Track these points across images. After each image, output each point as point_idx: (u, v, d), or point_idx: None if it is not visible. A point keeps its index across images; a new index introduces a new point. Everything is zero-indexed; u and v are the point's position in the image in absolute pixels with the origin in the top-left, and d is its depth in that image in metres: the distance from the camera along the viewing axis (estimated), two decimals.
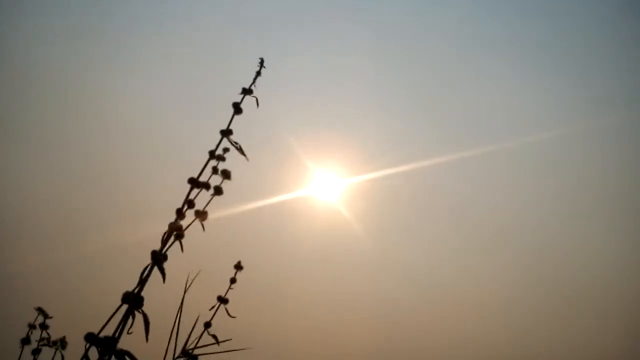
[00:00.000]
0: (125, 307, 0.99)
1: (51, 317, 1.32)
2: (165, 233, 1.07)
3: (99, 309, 1.03)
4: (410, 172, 4.23)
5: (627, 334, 4.01)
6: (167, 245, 1.06)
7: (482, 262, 4.34)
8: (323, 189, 4.16)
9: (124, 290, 1.02)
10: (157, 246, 1.12)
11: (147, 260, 1.13)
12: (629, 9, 4.52)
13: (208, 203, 1.14)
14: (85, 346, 0.96)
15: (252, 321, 3.57)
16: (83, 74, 4.11)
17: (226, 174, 1.14)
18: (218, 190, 1.12)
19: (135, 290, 1.00)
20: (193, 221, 1.10)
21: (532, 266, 4.32)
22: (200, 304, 1.36)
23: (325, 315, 3.99)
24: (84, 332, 0.97)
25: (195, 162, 1.22)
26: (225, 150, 1.17)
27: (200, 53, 4.16)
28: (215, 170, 1.17)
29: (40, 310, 1.31)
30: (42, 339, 1.31)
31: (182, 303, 1.14)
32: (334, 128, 4.44)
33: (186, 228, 1.09)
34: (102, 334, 0.97)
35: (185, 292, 1.15)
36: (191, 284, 1.14)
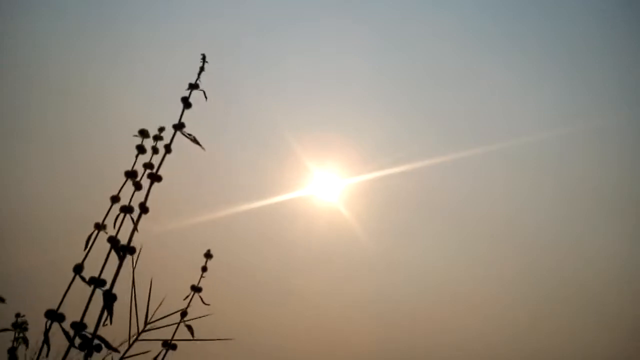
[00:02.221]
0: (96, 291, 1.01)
1: (4, 301, 1.31)
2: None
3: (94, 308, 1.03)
4: (410, 172, 4.23)
5: (628, 332, 4.01)
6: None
7: (482, 262, 4.34)
8: (323, 189, 4.16)
9: (119, 286, 1.03)
10: (152, 243, 1.13)
11: (146, 259, 1.14)
12: (629, 9, 4.52)
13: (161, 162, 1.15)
14: (46, 324, 0.97)
15: (253, 321, 3.57)
16: (83, 74, 4.11)
17: (156, 178, 1.17)
18: (137, 186, 1.15)
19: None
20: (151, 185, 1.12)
21: (533, 265, 4.33)
22: (201, 304, 1.36)
23: (325, 315, 3.99)
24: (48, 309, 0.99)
25: (195, 160, 1.22)
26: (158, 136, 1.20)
27: (202, 52, 4.15)
28: (155, 149, 1.21)
29: None
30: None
31: (133, 273, 1.14)
32: (334, 128, 4.44)
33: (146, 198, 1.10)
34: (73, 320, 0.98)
35: (134, 264, 1.15)
36: (139, 254, 1.15)
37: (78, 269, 1.03)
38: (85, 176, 3.85)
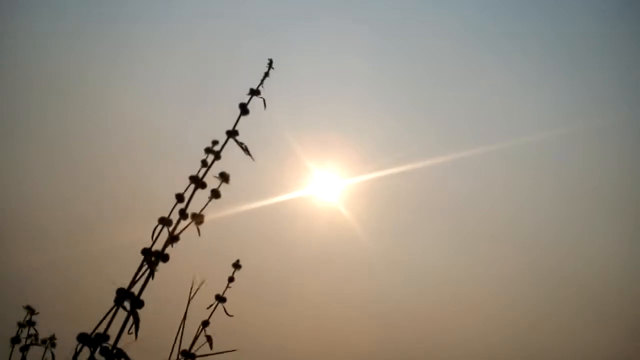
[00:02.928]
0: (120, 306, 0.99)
1: (37, 314, 1.32)
2: (154, 228, 1.06)
3: (99, 310, 1.03)
4: (410, 172, 4.23)
5: (628, 332, 4.01)
6: (163, 245, 1.05)
7: (482, 262, 4.34)
8: (323, 189, 4.16)
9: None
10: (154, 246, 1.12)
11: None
12: (629, 9, 4.52)
13: (205, 206, 1.13)
14: (77, 347, 0.95)
15: (253, 321, 3.57)
16: (83, 74, 4.11)
17: (225, 177, 1.13)
18: (215, 194, 1.11)
19: (130, 289, 1.00)
20: (188, 224, 1.09)
21: (533, 265, 4.33)
22: (199, 304, 1.36)
23: (325, 315, 3.99)
24: (80, 332, 0.97)
25: (195, 160, 1.22)
26: (216, 155, 1.16)
27: (202, 52, 4.16)
28: (208, 170, 1.15)
29: (28, 309, 1.31)
30: (29, 336, 1.30)
31: (186, 311, 1.14)
32: (334, 128, 4.44)
33: (181, 231, 1.07)
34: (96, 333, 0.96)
35: (189, 300, 1.15)
36: (195, 292, 1.14)
37: (120, 300, 0.98)
38: (85, 176, 3.85)
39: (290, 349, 3.67)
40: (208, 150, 1.14)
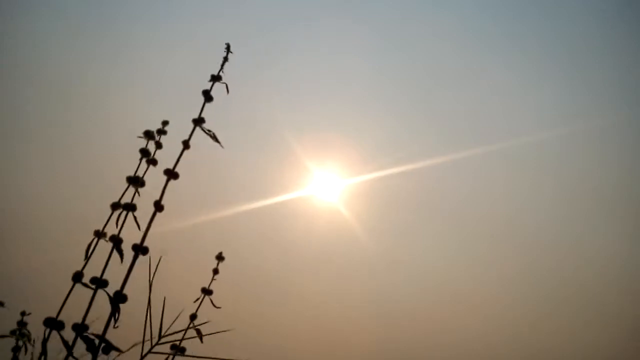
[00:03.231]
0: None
1: (3, 305, 1.32)
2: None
3: (100, 310, 1.03)
4: (410, 172, 4.23)
5: (628, 332, 4.01)
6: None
7: (482, 262, 4.34)
8: (323, 189, 4.16)
9: (133, 289, 1.03)
10: (156, 242, 1.13)
11: (145, 259, 1.13)
12: (629, 9, 4.52)
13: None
14: (45, 332, 0.96)
15: (253, 321, 3.57)
16: (83, 74, 4.11)
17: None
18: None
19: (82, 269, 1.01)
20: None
21: (533, 265, 4.33)
22: (198, 304, 1.36)
23: (325, 315, 3.99)
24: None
25: (198, 160, 1.22)
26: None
27: (202, 52, 4.16)
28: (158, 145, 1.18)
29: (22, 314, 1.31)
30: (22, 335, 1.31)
31: (150, 285, 1.14)
32: (334, 128, 4.44)
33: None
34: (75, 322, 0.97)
35: (153, 275, 1.15)
36: (157, 265, 1.15)
37: (77, 277, 1.01)
38: (85, 176, 3.85)
39: (290, 348, 3.67)
40: (147, 135, 1.16)
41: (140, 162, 1.12)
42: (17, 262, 2.99)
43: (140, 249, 1.06)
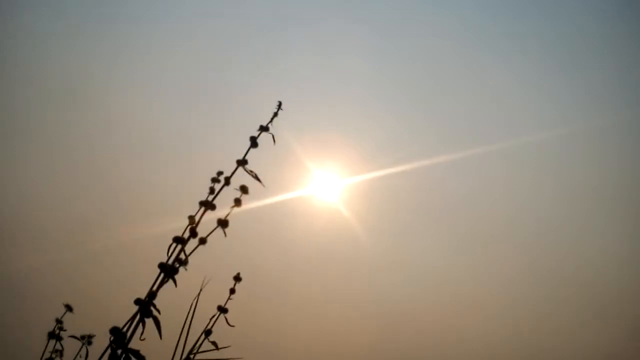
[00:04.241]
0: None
1: (72, 312, 1.34)
2: (171, 244, 1.12)
3: (100, 309, 1.04)
4: (410, 172, 4.23)
5: (628, 332, 4.01)
6: (184, 252, 1.10)
7: (482, 262, 4.34)
8: (323, 189, 4.16)
9: (133, 289, 1.04)
10: (161, 244, 1.14)
11: (153, 258, 1.14)
12: (629, 9, 4.52)
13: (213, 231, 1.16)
14: (110, 338, 0.98)
15: (253, 321, 3.57)
16: (83, 74, 4.11)
17: (244, 190, 1.18)
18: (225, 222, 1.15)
19: (146, 298, 1.04)
20: (214, 230, 1.16)
21: (533, 265, 4.33)
22: (200, 305, 1.36)
23: (325, 315, 3.99)
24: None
25: (199, 161, 1.23)
26: (243, 189, 1.19)
27: (202, 52, 4.16)
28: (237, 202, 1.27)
29: (67, 307, 1.34)
30: (58, 330, 1.33)
31: (192, 314, 1.16)
32: (334, 128, 4.44)
33: (207, 236, 1.13)
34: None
35: (194, 307, 1.18)
36: (198, 295, 1.17)
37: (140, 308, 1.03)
38: (85, 176, 3.85)
39: (290, 348, 3.67)
40: (214, 180, 1.19)
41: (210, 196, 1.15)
42: (17, 262, 2.99)
43: (168, 269, 1.09)
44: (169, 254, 1.12)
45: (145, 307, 1.01)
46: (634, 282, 4.15)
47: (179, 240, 1.15)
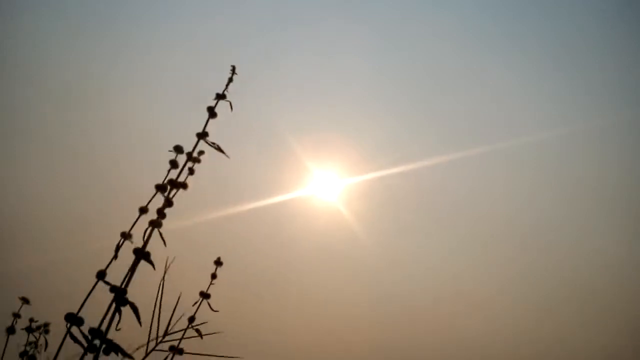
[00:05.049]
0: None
1: (29, 304, 1.33)
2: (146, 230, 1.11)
3: (99, 309, 1.04)
4: (410, 172, 4.23)
5: (628, 332, 4.01)
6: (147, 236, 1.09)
7: (482, 262, 4.34)
8: (323, 189, 4.16)
9: (133, 288, 1.04)
10: (157, 242, 1.14)
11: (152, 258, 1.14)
12: (629, 9, 4.52)
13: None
14: (67, 325, 0.98)
15: (253, 321, 3.57)
16: (83, 74, 4.11)
17: (191, 172, 1.18)
18: (183, 185, 1.16)
19: (123, 285, 1.03)
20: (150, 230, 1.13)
21: (533, 265, 4.33)
22: (203, 305, 1.36)
23: (325, 314, 3.99)
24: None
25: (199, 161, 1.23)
26: (200, 152, 1.21)
27: (203, 51, 4.16)
28: (191, 171, 1.23)
29: (23, 299, 1.33)
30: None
31: (162, 287, 1.16)
32: (334, 128, 4.44)
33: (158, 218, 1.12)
34: (90, 326, 0.99)
35: (164, 276, 1.17)
36: (168, 267, 1.17)
37: (101, 275, 1.03)
38: (85, 176, 3.85)
39: (290, 348, 3.67)
40: (177, 149, 1.20)
41: (168, 173, 1.15)
42: (17, 262, 2.99)
43: (142, 254, 1.08)
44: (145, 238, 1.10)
45: (121, 294, 1.01)
46: (634, 282, 4.15)
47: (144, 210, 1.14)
